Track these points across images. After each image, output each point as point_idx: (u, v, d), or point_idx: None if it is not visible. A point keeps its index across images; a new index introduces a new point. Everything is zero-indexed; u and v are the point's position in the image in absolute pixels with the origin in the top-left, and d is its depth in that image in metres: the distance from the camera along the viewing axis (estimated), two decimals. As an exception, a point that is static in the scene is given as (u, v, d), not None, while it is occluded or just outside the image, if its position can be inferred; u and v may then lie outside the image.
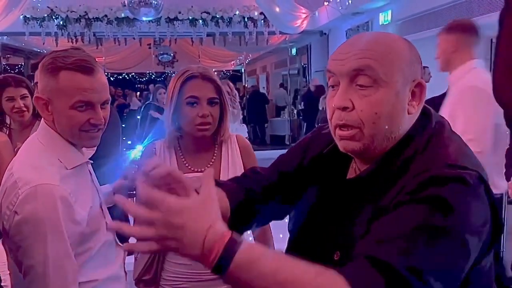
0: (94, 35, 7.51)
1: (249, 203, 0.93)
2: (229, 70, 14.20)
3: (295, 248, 0.91)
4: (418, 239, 0.65)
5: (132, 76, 14.85)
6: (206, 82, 1.39)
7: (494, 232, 0.73)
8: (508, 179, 2.00)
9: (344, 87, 0.78)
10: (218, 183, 0.90)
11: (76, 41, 7.36)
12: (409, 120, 0.80)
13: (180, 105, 1.39)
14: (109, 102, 1.18)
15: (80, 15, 7.06)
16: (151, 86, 8.20)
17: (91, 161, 1.24)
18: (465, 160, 0.73)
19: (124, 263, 1.33)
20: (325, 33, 8.19)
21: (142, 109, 5.57)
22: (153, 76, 15.02)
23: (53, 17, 7.04)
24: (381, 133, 0.78)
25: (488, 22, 4.60)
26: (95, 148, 1.30)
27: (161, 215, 0.63)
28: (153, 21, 7.03)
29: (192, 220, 0.64)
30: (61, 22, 7.07)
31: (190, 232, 0.63)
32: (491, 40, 6.39)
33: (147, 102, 5.65)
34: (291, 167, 0.97)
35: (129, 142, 4.80)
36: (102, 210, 1.23)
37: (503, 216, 2.11)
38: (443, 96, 2.16)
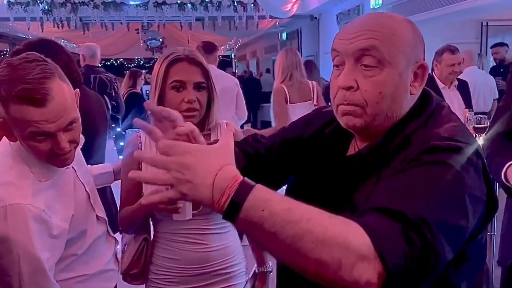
0: (80, 20, 7.35)
1: (250, 169, 0.92)
2: (219, 56, 14.06)
3: None
4: (423, 193, 0.67)
5: (120, 62, 14.64)
6: (193, 65, 1.32)
7: (489, 207, 0.75)
8: None
9: (349, 67, 0.80)
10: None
11: (62, 26, 7.21)
12: (411, 100, 0.83)
13: (164, 90, 1.32)
14: (77, 120, 1.05)
15: (65, 0, 6.91)
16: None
17: (72, 167, 1.16)
18: (464, 137, 0.76)
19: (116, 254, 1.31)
20: (315, 17, 8.11)
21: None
22: (142, 62, 14.83)
23: (38, 1, 6.87)
24: (383, 112, 0.80)
25: (479, 5, 4.59)
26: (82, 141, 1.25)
27: (174, 157, 0.64)
28: (141, 5, 6.90)
29: (204, 159, 0.64)
30: (46, 7, 6.90)
31: (202, 171, 0.63)
32: (481, 23, 6.40)
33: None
34: (292, 136, 0.99)
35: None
36: (90, 203, 1.19)
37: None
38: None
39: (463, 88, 3.33)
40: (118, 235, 1.43)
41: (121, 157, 1.48)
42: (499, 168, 1.37)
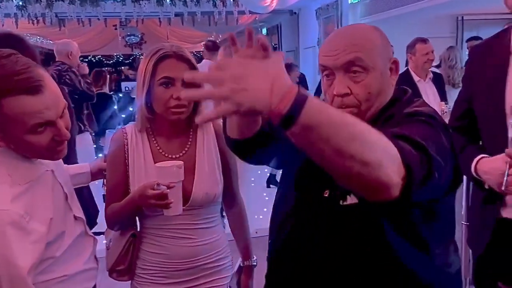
0: (56, 16, 7.18)
1: (262, 137, 1.03)
2: (199, 51, 13.97)
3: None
4: (420, 129, 0.85)
5: (99, 58, 14.38)
6: (181, 62, 1.32)
7: (455, 172, 0.89)
8: None
9: (340, 78, 0.96)
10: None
11: (37, 22, 7.04)
12: (391, 91, 1.02)
13: (152, 87, 1.31)
14: (66, 106, 1.05)
15: (40, -5, 6.74)
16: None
17: (51, 169, 1.14)
18: (436, 114, 0.94)
19: (95, 252, 1.30)
20: (295, 12, 8.13)
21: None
22: (121, 58, 14.60)
23: (12, -3, 6.69)
24: (374, 106, 0.98)
25: (454, 0, 4.68)
26: None
27: (229, 70, 0.66)
28: (118, 0, 6.79)
29: (259, 70, 0.66)
30: (20, 3, 6.72)
31: (258, 79, 0.65)
32: (457, 18, 6.53)
33: None
34: None
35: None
36: (68, 203, 1.18)
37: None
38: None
39: (438, 81, 3.43)
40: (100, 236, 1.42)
41: (100, 155, 1.47)
42: (468, 163, 1.40)
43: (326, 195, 0.97)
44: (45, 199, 1.09)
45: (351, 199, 0.94)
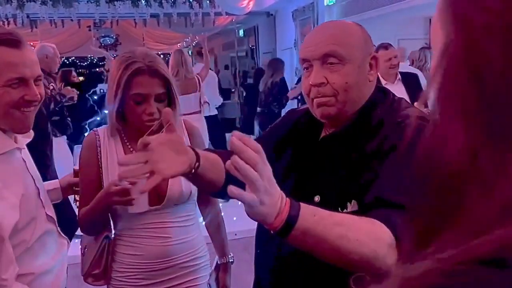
0: (27, 17, 7.00)
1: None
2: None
3: None
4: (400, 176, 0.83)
5: (73, 60, 14.09)
6: (154, 77, 1.29)
7: None
8: None
9: (317, 68, 0.98)
10: (211, 150, 1.05)
11: (8, 23, 6.83)
12: (370, 87, 1.02)
13: (125, 98, 1.29)
14: (41, 78, 1.12)
15: (10, -5, 6.55)
16: None
17: (24, 147, 1.16)
18: (424, 116, 0.94)
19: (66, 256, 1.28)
20: (271, 14, 8.16)
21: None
22: (95, 60, 14.34)
23: (-20, -3, 6.48)
24: (351, 99, 0.98)
25: (426, 3, 4.79)
26: (31, 135, 1.22)
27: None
28: (92, 1, 6.67)
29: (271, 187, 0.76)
30: (-11, 3, 6.53)
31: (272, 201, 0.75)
32: (430, 19, 6.68)
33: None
34: (274, 139, 1.13)
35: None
36: (41, 200, 1.16)
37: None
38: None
39: (411, 82, 3.51)
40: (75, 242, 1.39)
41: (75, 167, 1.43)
42: None
43: (317, 201, 0.97)
44: (16, 174, 1.10)
45: (351, 207, 0.93)
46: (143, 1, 7.01)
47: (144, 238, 1.36)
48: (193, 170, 0.90)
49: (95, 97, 6.09)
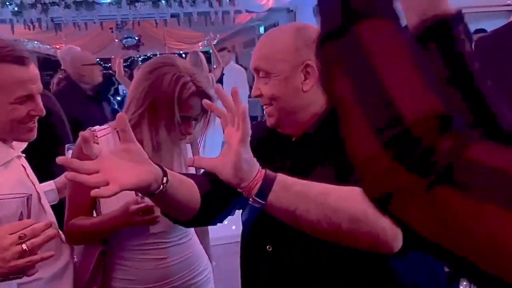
0: (52, 20, 7.15)
1: (216, 195, 1.00)
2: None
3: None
4: None
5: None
6: (200, 99, 1.23)
7: None
8: None
9: (256, 80, 1.04)
10: (187, 175, 0.99)
11: (34, 27, 7.00)
12: (308, 96, 0.98)
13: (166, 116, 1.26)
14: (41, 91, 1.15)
15: (35, 0, 6.70)
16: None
17: (23, 155, 1.18)
18: None
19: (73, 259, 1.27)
20: (292, 10, 8.08)
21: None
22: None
23: (7, 3, 6.64)
24: (285, 108, 1.00)
25: None
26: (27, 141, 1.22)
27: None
28: (113, 3, 6.75)
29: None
30: (15, 8, 6.68)
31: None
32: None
33: None
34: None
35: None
36: (41, 205, 1.17)
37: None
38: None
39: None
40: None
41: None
42: None
43: (269, 250, 0.97)
44: (16, 184, 1.11)
45: None
46: (163, 1, 7.05)
47: (138, 261, 1.25)
48: (161, 187, 0.81)
49: (118, 98, 6.15)
